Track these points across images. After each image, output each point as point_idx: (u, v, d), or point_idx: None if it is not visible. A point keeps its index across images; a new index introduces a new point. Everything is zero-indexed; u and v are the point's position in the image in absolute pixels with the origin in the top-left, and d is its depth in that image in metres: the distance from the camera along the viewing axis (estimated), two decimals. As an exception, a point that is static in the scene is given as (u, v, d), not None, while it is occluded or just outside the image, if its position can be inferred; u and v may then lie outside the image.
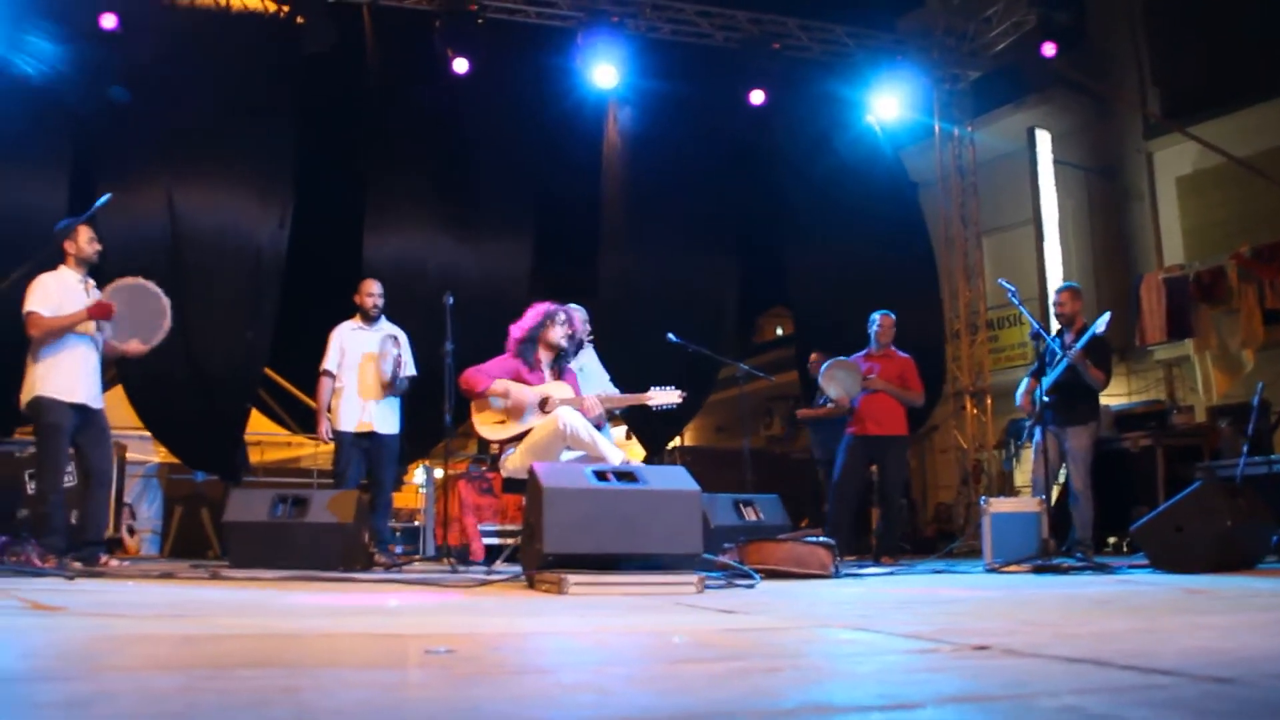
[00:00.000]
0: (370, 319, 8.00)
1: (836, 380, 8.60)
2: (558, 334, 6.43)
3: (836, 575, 5.85)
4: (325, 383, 7.94)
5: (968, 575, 6.42)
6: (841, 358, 8.69)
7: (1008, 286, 7.43)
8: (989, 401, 12.68)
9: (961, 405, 12.64)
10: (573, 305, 7.75)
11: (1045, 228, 14.40)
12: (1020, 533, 6.76)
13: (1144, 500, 8.76)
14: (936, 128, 12.99)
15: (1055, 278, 14.24)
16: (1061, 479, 8.04)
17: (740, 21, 11.64)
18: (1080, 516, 7.69)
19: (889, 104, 11.95)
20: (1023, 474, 14.72)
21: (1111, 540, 9.48)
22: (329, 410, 7.91)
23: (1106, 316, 7.59)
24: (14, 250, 6.13)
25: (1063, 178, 14.89)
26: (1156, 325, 12.77)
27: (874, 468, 8.96)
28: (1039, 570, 6.24)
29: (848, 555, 7.76)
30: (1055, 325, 8.42)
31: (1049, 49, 11.28)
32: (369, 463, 7.90)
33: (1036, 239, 14.42)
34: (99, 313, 6.55)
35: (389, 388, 7.76)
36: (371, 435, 7.82)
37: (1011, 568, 6.44)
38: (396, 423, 7.99)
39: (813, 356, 9.76)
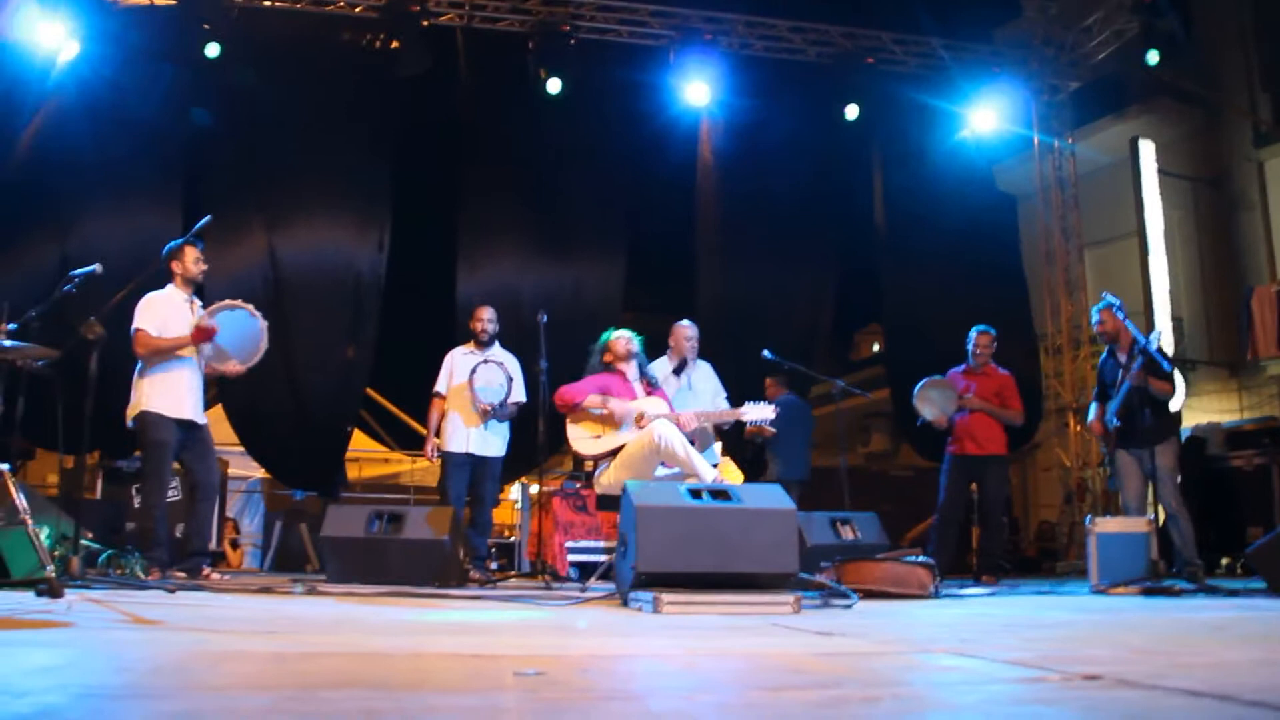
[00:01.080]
0: (482, 344, 8.07)
1: (930, 400, 8.44)
2: (621, 347, 6.48)
3: (936, 596, 5.72)
4: (435, 404, 8.08)
5: (1073, 597, 6.22)
6: (936, 376, 8.52)
7: (1112, 300, 7.23)
8: (1093, 418, 12.35)
9: (1064, 422, 12.34)
10: (683, 321, 7.78)
11: (1150, 240, 14.05)
12: (1128, 553, 6.55)
13: (1258, 520, 8.48)
14: (1035, 140, 12.73)
15: (1161, 291, 13.89)
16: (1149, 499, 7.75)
17: (833, 37, 11.55)
18: (1181, 537, 7.34)
19: (986, 116, 11.75)
20: (1128, 493, 14.34)
21: (1225, 562, 9.17)
22: (437, 431, 8.02)
23: (1156, 333, 7.30)
24: (134, 278, 6.30)
25: (1168, 189, 14.52)
26: (1270, 339, 12.36)
27: (974, 486, 8.77)
28: (1148, 593, 6.03)
29: (948, 575, 7.60)
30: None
31: (1153, 57, 10.97)
32: (472, 481, 7.99)
33: (1141, 252, 14.07)
34: (200, 336, 6.74)
35: (486, 415, 7.82)
36: (475, 457, 7.90)
37: (1119, 590, 6.23)
38: (501, 445, 8.06)
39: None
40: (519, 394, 8.01)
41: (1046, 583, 8.14)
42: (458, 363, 8.07)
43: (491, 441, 7.98)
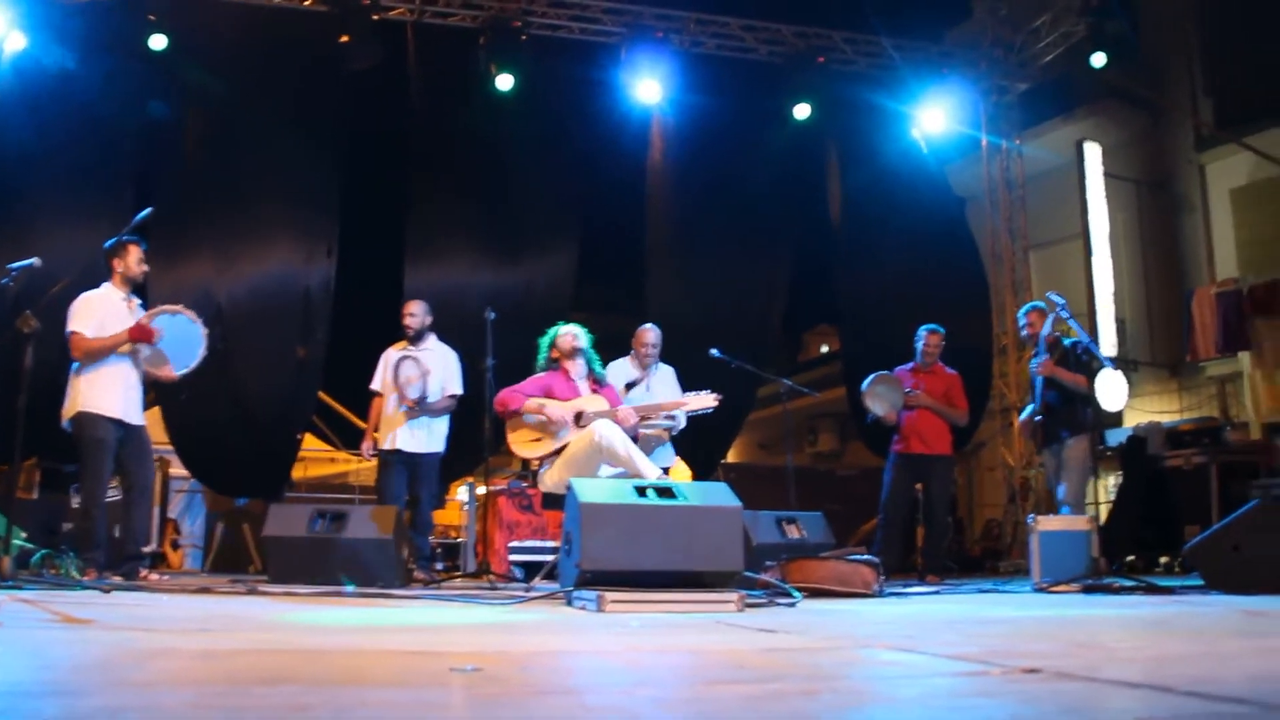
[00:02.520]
0: (410, 339, 8.02)
1: (879, 396, 8.46)
2: (566, 344, 6.47)
3: (880, 594, 5.72)
4: (375, 403, 8.08)
5: (1015, 595, 6.27)
6: (884, 372, 8.55)
7: (1057, 300, 7.27)
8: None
9: (1009, 422, 12.44)
10: (645, 325, 7.78)
11: (1094, 242, 14.22)
12: (1069, 551, 6.60)
13: (1197, 519, 8.58)
14: (984, 141, 12.83)
15: (1105, 292, 14.06)
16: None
17: (785, 35, 11.57)
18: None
19: (935, 117, 11.82)
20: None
21: (1163, 560, 9.27)
22: (376, 429, 7.99)
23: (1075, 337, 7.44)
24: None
25: (1113, 191, 14.70)
26: (1209, 340, 12.54)
27: (920, 486, 8.80)
28: (1089, 590, 6.08)
29: (893, 574, 7.62)
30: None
31: (1098, 60, 11.09)
32: (409, 481, 7.93)
33: (1086, 253, 14.23)
34: (139, 335, 6.60)
35: (412, 408, 7.77)
36: (409, 454, 7.84)
37: (1061, 587, 6.28)
38: (435, 442, 7.99)
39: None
40: (453, 386, 7.99)
41: (990, 581, 8.20)
42: (391, 360, 8.04)
43: (423, 438, 7.92)
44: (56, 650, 2.68)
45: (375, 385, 8.08)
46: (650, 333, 7.83)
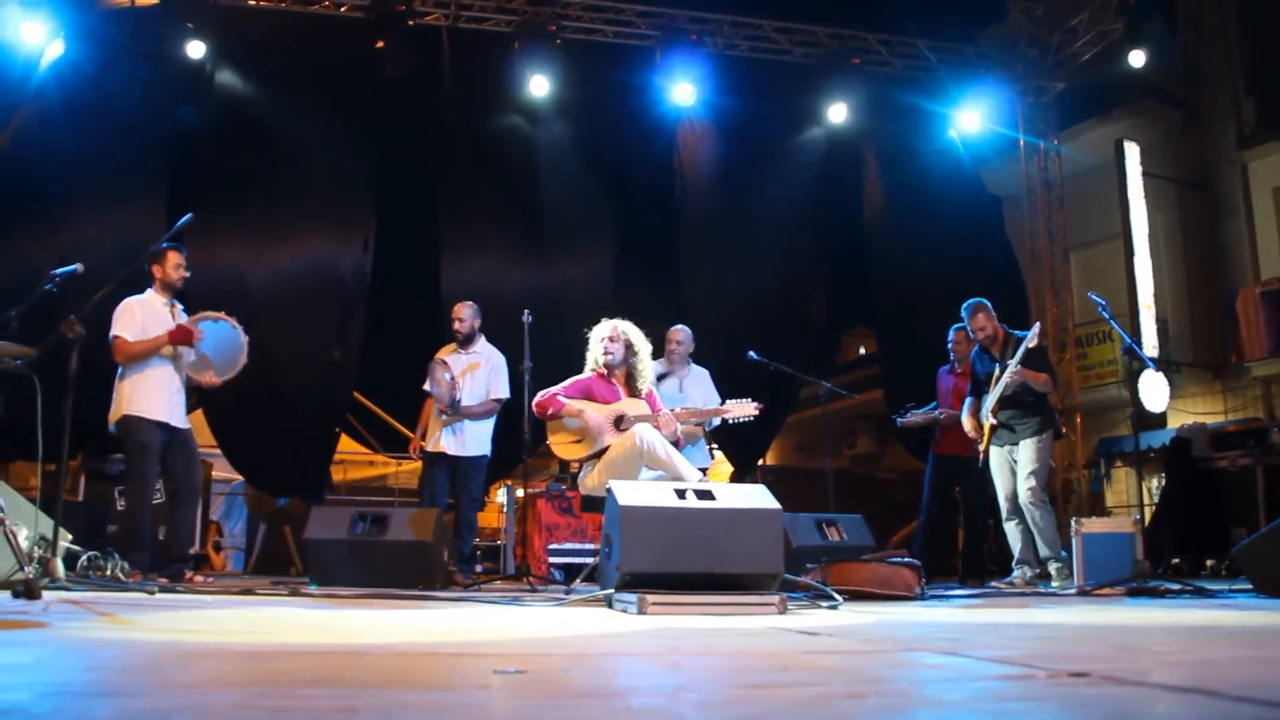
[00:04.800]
0: (458, 343, 8.06)
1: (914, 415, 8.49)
2: (597, 350, 6.44)
3: (922, 597, 5.70)
4: (427, 404, 8.14)
5: (1059, 597, 6.22)
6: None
7: (1098, 301, 7.21)
8: (1078, 420, 12.37)
9: (1058, 423, 12.34)
10: (676, 326, 7.81)
11: (1135, 242, 14.08)
12: (1113, 554, 6.57)
13: (1243, 521, 8.48)
14: (1021, 141, 12.74)
15: (1146, 293, 13.92)
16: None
17: (819, 37, 11.54)
18: (1043, 534, 7.24)
19: (971, 118, 11.74)
20: (1114, 494, 14.37)
21: (1210, 563, 9.17)
22: (424, 432, 8.08)
23: (1036, 328, 7.29)
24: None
25: (1153, 191, 14.55)
26: (1255, 341, 12.40)
27: (958, 489, 8.75)
28: (1134, 593, 6.03)
29: (934, 577, 7.58)
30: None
31: (1137, 59, 10.98)
32: (452, 482, 7.98)
33: (1126, 254, 14.10)
34: (180, 337, 6.69)
35: (447, 413, 7.81)
36: (451, 457, 7.89)
37: (1105, 590, 6.23)
38: (477, 445, 8.03)
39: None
40: (498, 391, 8.03)
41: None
42: (437, 362, 8.09)
43: (465, 441, 7.96)
44: (105, 651, 2.71)
45: (428, 386, 8.11)
46: (680, 332, 7.89)
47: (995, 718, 1.75)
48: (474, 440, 8.01)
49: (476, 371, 7.99)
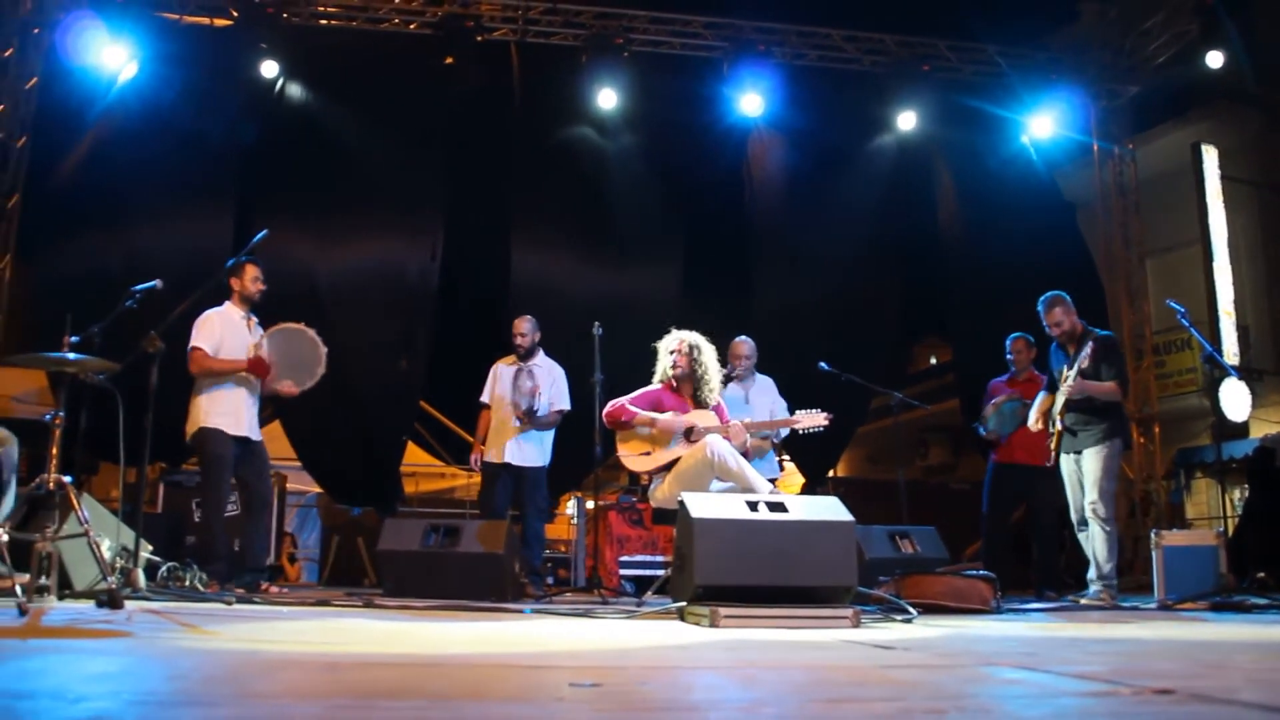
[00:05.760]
0: (520, 356, 8.12)
1: (1002, 414, 8.28)
2: (666, 362, 6.43)
3: (998, 611, 5.61)
4: (483, 415, 8.21)
5: (1139, 612, 6.09)
6: (1019, 404, 8.31)
7: (1177, 307, 7.06)
8: (1156, 430, 12.13)
9: (1128, 431, 12.11)
10: (740, 337, 7.81)
11: (1214, 247, 13.78)
12: (1196, 567, 6.42)
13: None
14: (1095, 146, 12.55)
15: (1226, 299, 13.63)
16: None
17: (888, 45, 11.46)
18: (1098, 550, 6.94)
19: (1044, 123, 11.59)
20: (1194, 506, 14.06)
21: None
22: (484, 442, 8.13)
23: (1089, 348, 6.88)
24: (190, 290, 6.37)
25: (1231, 194, 14.24)
26: (1340, 347, 12.06)
27: (1024, 499, 8.55)
28: (1218, 608, 5.89)
29: (1008, 590, 7.46)
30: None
31: (1214, 60, 10.75)
32: (515, 494, 8.03)
33: (1205, 259, 13.81)
34: (255, 369, 6.83)
35: (524, 421, 7.85)
36: (513, 468, 7.94)
37: (1187, 604, 6.10)
38: (542, 455, 8.08)
39: None
40: (561, 402, 8.09)
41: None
42: (499, 374, 8.20)
43: (530, 452, 8.02)
44: (187, 661, 2.76)
45: (484, 398, 8.21)
46: (744, 345, 7.89)
47: (1080, 736, 1.72)
48: (538, 451, 8.07)
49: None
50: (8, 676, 2.28)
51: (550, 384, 8.10)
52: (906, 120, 11.24)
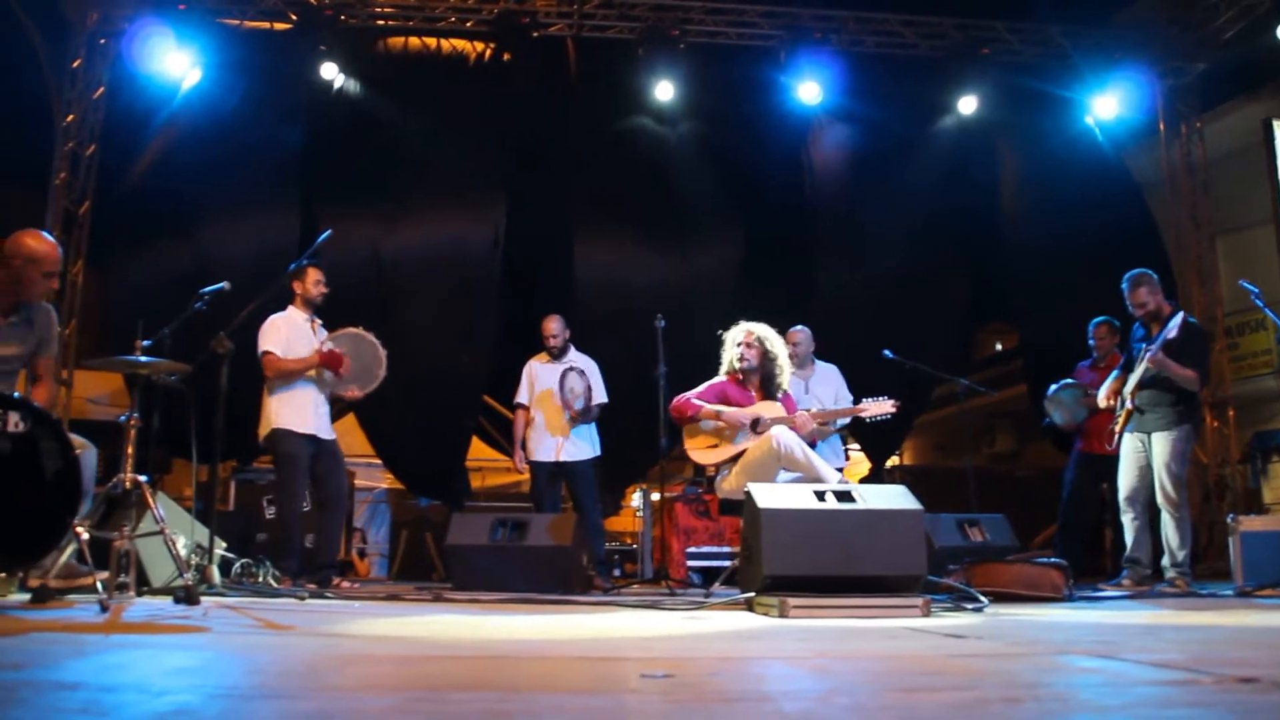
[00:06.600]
0: (553, 355, 8.16)
1: (1062, 404, 8.15)
2: (732, 354, 6.43)
3: (1070, 599, 5.55)
4: (519, 415, 8.25)
5: (1216, 599, 5.98)
6: (1070, 381, 8.23)
7: (1250, 288, 6.90)
8: (1231, 413, 11.89)
9: (1202, 418, 11.89)
10: (795, 327, 7.78)
11: (1288, 226, 13.45)
12: (1275, 553, 6.27)
13: None
14: (1161, 125, 12.30)
15: (1301, 279, 13.29)
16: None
17: (946, 29, 11.32)
18: (1170, 537, 6.81)
19: (1108, 103, 11.36)
20: (1271, 490, 13.75)
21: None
22: (524, 442, 8.16)
23: (1178, 319, 6.73)
24: (257, 291, 6.47)
25: (1305, 171, 13.88)
26: None
27: (1105, 486, 8.45)
28: (1299, 593, 5.76)
29: (1079, 578, 7.35)
30: None
31: (1287, 32, 10.47)
32: (568, 489, 8.11)
33: (1278, 238, 13.49)
34: (329, 362, 6.90)
35: (576, 419, 7.90)
36: (566, 464, 8.01)
37: (1267, 591, 5.97)
38: (592, 448, 8.13)
39: None
40: (602, 395, 8.11)
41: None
42: (537, 373, 8.22)
43: (582, 447, 8.07)
44: (262, 655, 2.80)
45: (522, 399, 8.23)
46: (798, 333, 7.87)
47: (1162, 724, 1.69)
48: (589, 444, 8.13)
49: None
50: (94, 670, 2.33)
51: (593, 379, 8.14)
52: (967, 104, 11.09)
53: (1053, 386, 8.24)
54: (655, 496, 10.49)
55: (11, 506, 4.23)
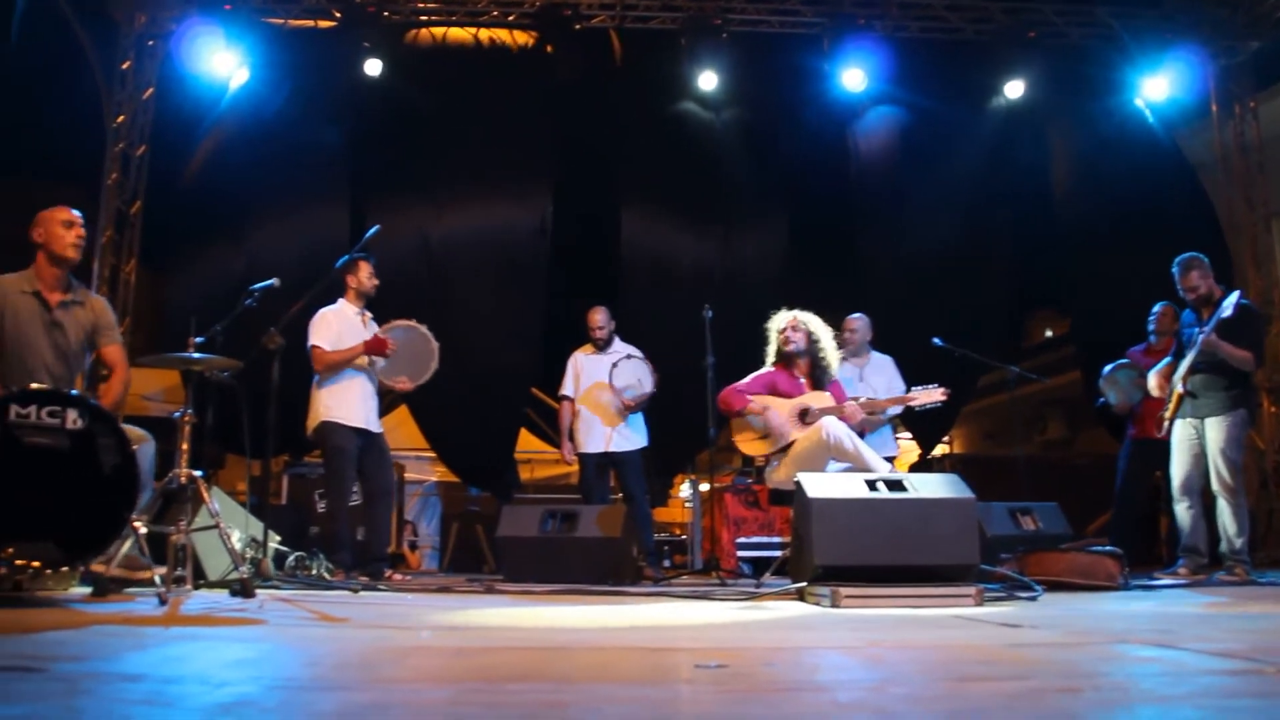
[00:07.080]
0: (599, 347, 8.18)
1: (1117, 384, 8.08)
2: (779, 340, 6.40)
3: (1125, 587, 5.49)
4: (565, 407, 8.33)
5: (1276, 588, 5.89)
6: (1125, 362, 8.16)
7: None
8: (1288, 398, 11.68)
9: (1257, 402, 11.69)
10: (853, 314, 7.77)
11: (1345, 206, 13.21)
12: (1336, 539, 6.16)
13: None
14: (1213, 106, 12.10)
15: (1359, 261, 13.04)
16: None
17: (993, 13, 11.19)
18: (1227, 525, 6.70)
19: (1158, 84, 11.18)
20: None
21: None
22: (570, 434, 8.22)
23: (1234, 297, 6.59)
24: (307, 287, 6.53)
25: (1363, 150, 13.62)
26: None
27: (1159, 473, 8.34)
28: (1361, 581, 5.66)
29: (1134, 566, 7.27)
30: None
31: (1342, 8, 10.27)
32: (618, 480, 8.14)
33: (1336, 219, 13.25)
34: (375, 348, 6.94)
35: (628, 410, 7.96)
36: (615, 455, 8.07)
37: (1327, 578, 5.87)
38: (638, 438, 8.17)
39: None
40: (649, 384, 8.13)
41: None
42: (584, 365, 8.28)
43: (632, 437, 8.12)
44: (319, 647, 2.83)
45: (567, 390, 8.30)
46: (856, 320, 7.89)
47: (1226, 714, 1.67)
48: (639, 435, 8.20)
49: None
50: (155, 662, 2.37)
51: (642, 370, 8.16)
52: (1014, 89, 10.97)
53: (1108, 366, 8.17)
54: (704, 487, 10.49)
55: (71, 501, 4.31)
